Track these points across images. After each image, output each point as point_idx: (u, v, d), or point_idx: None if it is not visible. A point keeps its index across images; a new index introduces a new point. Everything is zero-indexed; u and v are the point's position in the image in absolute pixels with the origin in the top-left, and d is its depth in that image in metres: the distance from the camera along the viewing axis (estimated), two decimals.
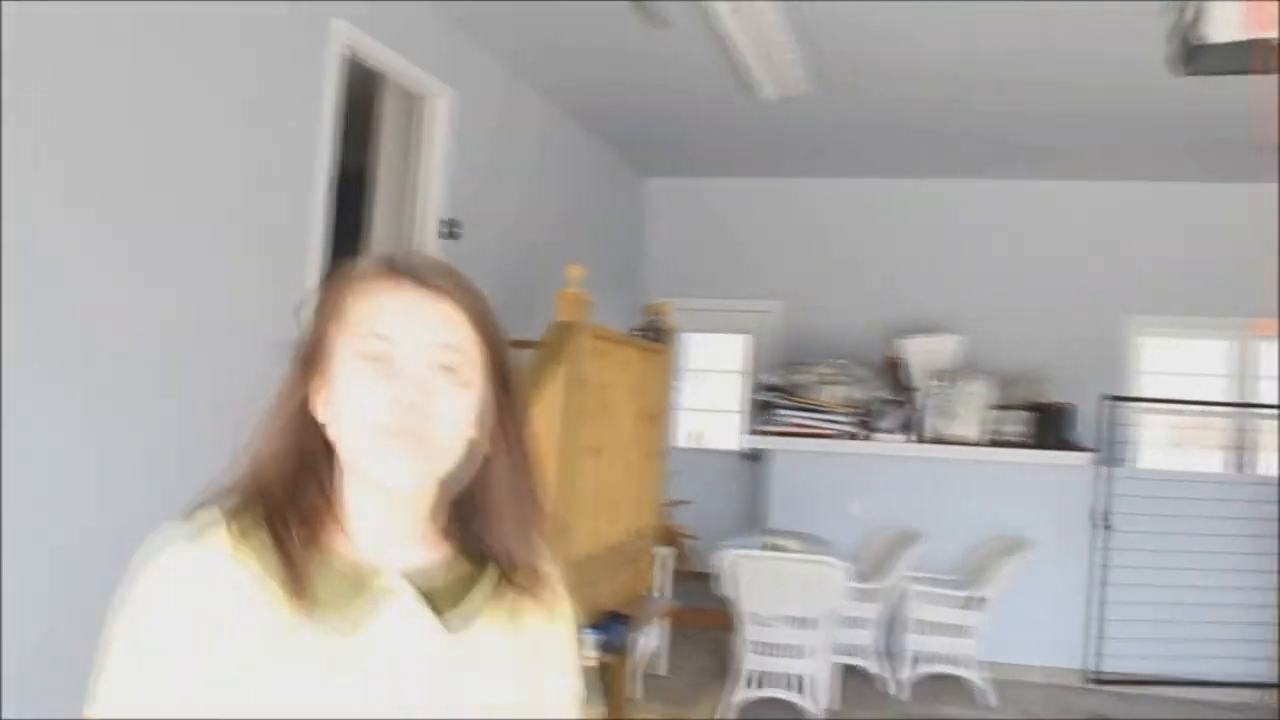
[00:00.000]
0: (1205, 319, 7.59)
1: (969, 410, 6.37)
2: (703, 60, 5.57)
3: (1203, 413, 7.70)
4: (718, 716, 5.25)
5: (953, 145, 7.04)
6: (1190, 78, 3.78)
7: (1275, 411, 6.99)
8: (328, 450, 1.04)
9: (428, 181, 5.44)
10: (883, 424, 6.52)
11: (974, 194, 7.72)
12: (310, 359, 1.06)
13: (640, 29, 5.09)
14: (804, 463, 6.61)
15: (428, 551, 1.07)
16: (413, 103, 5.40)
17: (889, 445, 6.50)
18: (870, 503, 6.51)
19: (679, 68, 5.81)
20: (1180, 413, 7.74)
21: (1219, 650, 6.17)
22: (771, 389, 6.79)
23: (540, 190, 6.65)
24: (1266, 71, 3.42)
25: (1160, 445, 7.97)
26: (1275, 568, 6.28)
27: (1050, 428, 6.48)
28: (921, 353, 6.79)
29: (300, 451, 1.04)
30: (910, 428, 6.51)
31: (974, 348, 6.98)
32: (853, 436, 6.53)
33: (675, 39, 5.27)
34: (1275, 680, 6.27)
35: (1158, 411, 7.58)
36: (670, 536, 5.95)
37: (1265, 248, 7.11)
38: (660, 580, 5.69)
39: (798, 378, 6.69)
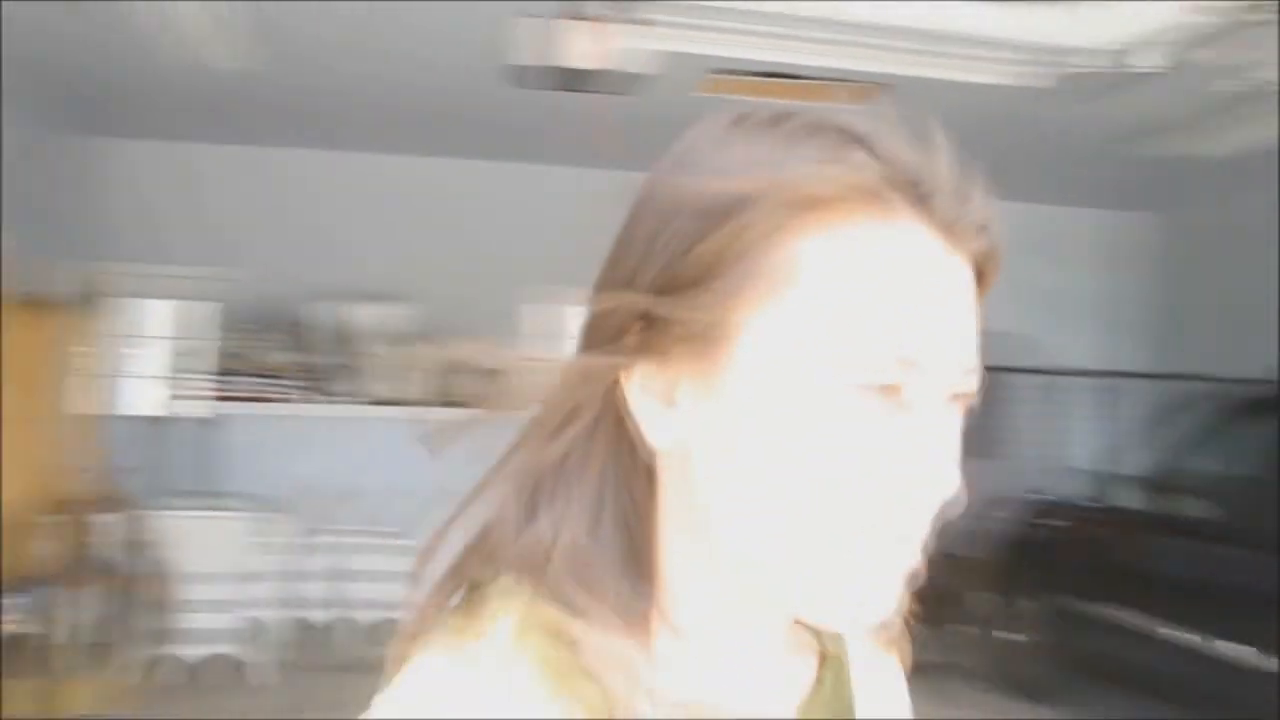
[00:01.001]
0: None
1: (416, 373, 6.86)
2: (152, 23, 5.51)
3: None
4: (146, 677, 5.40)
5: (402, 123, 7.45)
6: None
7: None
8: (648, 490, 0.63)
9: None
10: (334, 387, 6.86)
11: (423, 171, 8.12)
12: (658, 341, 0.60)
13: None
14: (256, 426, 6.82)
15: (791, 659, 0.68)
16: None
17: (338, 408, 6.85)
18: (320, 462, 6.79)
19: (132, 32, 5.69)
20: None
21: None
22: (229, 355, 6.91)
23: None
24: (607, 93, 4.21)
25: None
26: None
27: None
28: (372, 319, 7.22)
29: (599, 497, 0.63)
30: (358, 391, 6.90)
31: (424, 314, 7.41)
32: (304, 400, 6.82)
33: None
34: None
35: None
36: (113, 504, 5.91)
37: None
38: (100, 547, 5.66)
39: (254, 343, 6.87)
